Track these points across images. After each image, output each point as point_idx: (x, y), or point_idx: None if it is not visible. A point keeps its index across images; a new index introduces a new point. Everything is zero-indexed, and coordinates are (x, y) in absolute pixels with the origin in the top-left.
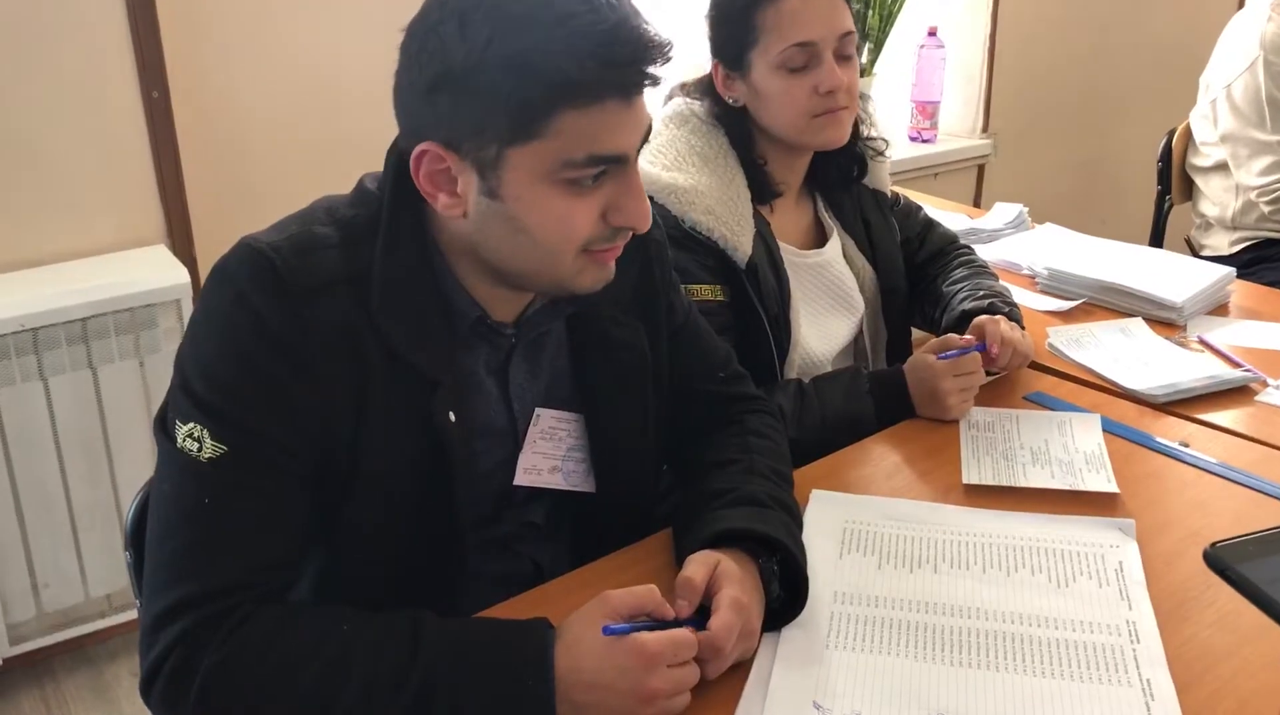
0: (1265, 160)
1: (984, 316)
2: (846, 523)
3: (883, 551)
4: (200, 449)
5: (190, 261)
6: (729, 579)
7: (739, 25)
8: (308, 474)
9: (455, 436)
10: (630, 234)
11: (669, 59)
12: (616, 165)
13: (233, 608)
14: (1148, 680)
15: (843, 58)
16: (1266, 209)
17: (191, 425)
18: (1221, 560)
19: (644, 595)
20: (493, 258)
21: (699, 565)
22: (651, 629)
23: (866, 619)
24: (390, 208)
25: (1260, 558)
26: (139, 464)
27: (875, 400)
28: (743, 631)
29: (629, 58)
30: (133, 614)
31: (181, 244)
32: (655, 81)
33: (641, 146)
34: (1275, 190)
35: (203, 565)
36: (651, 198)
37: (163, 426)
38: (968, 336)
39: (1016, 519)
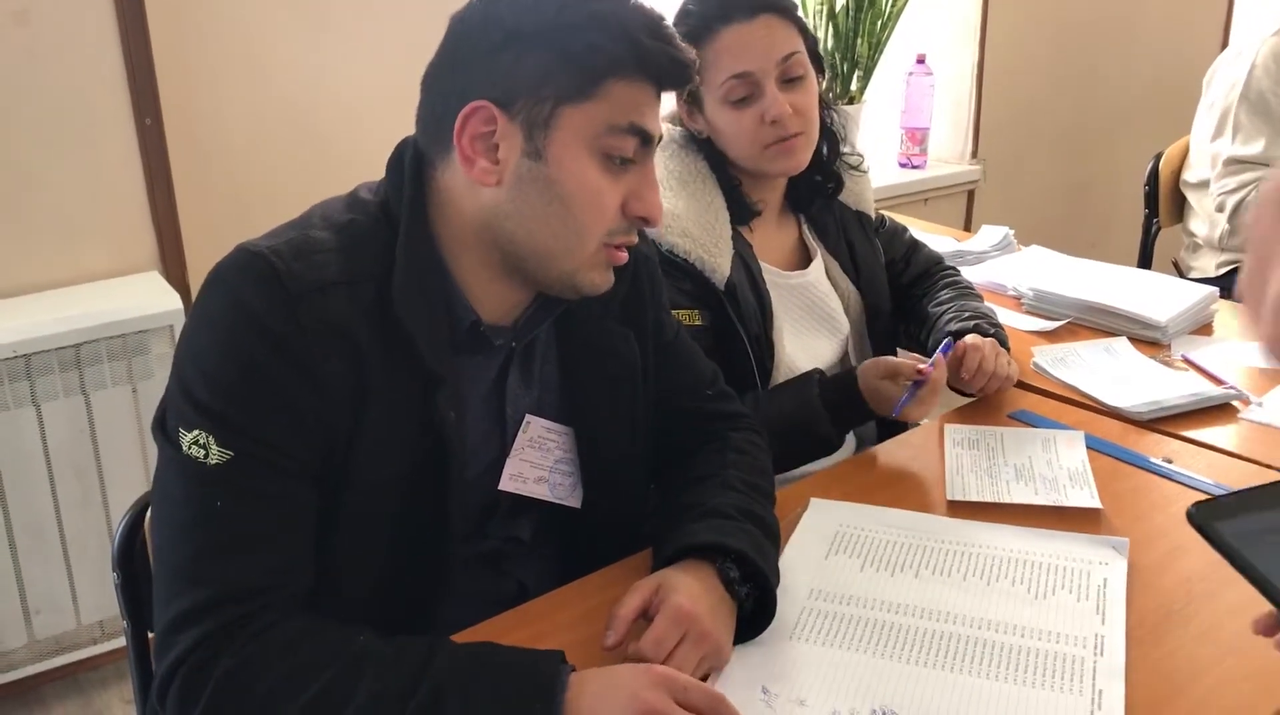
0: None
1: (968, 340)
2: (840, 526)
3: (868, 555)
4: (207, 455)
5: (183, 288)
6: (673, 591)
7: None
8: (312, 476)
9: (455, 436)
10: (636, 235)
11: (686, 80)
12: (644, 150)
13: (251, 613)
14: (1099, 691)
15: (788, 81)
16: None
17: (196, 432)
18: (1200, 517)
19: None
20: (514, 234)
21: (635, 593)
22: None
23: (836, 615)
24: (409, 207)
25: (1239, 515)
26: (132, 490)
27: (825, 400)
28: (692, 636)
29: (670, 51)
30: (123, 641)
31: (174, 270)
32: (684, 83)
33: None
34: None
35: (218, 569)
36: None
37: (163, 431)
38: (921, 365)
39: (1011, 532)
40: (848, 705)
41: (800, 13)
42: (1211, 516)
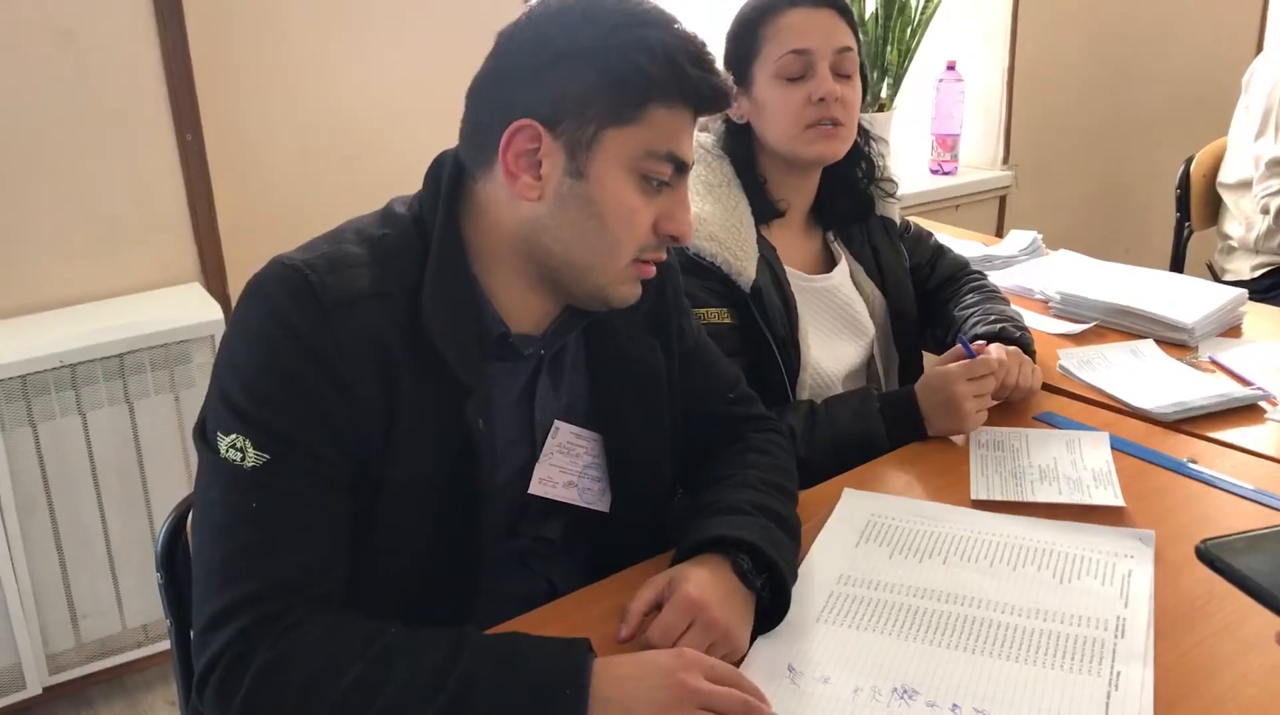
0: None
1: (991, 357)
2: (872, 516)
3: (898, 543)
4: (244, 458)
5: (223, 299)
6: (682, 581)
7: (747, 39)
8: (345, 479)
9: (485, 443)
10: (665, 252)
11: (722, 107)
12: (679, 175)
13: (286, 608)
14: (1118, 673)
15: (840, 75)
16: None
17: (234, 436)
18: (1210, 554)
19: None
20: (551, 248)
21: (647, 588)
22: None
23: (863, 600)
24: (444, 217)
25: (1248, 553)
26: (174, 496)
27: (886, 420)
28: (700, 623)
29: (709, 79)
30: (168, 644)
31: (215, 282)
32: (720, 107)
33: None
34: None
35: (255, 567)
36: None
37: (203, 436)
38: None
39: (1040, 525)
40: (870, 683)
41: None
42: (1222, 551)
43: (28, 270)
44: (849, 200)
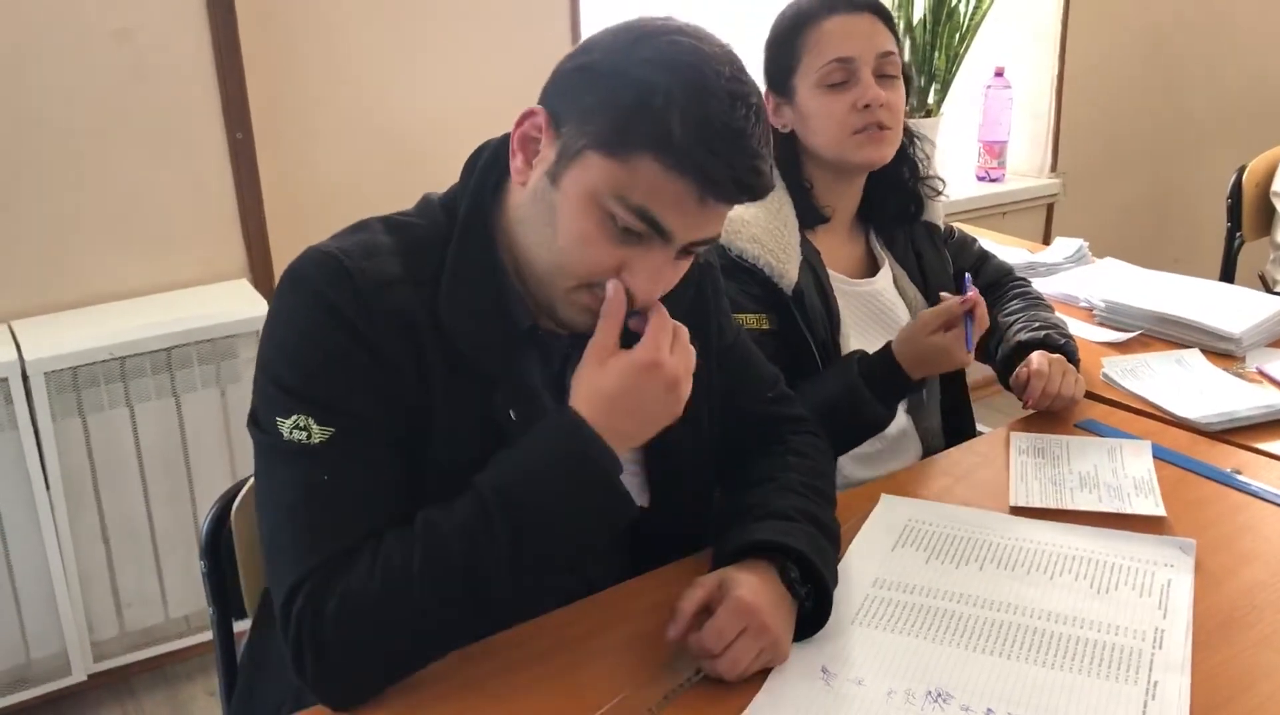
0: None
1: (1033, 365)
2: (909, 521)
3: (934, 548)
4: (310, 436)
5: (270, 296)
6: (734, 584)
7: (786, 49)
8: (402, 446)
9: (518, 434)
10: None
11: (755, 197)
12: (658, 238)
13: (344, 561)
14: (1155, 682)
15: (883, 77)
16: None
17: (295, 417)
18: None
19: None
20: (517, 238)
21: (698, 588)
22: None
23: (899, 603)
24: (470, 207)
25: None
26: (219, 489)
27: (863, 372)
28: (752, 629)
29: (728, 162)
30: (209, 635)
31: (262, 278)
32: (733, 200)
33: (695, 249)
34: None
35: (334, 532)
36: None
37: (259, 425)
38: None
39: (1078, 531)
40: (904, 686)
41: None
42: None
43: (80, 265)
44: (897, 200)
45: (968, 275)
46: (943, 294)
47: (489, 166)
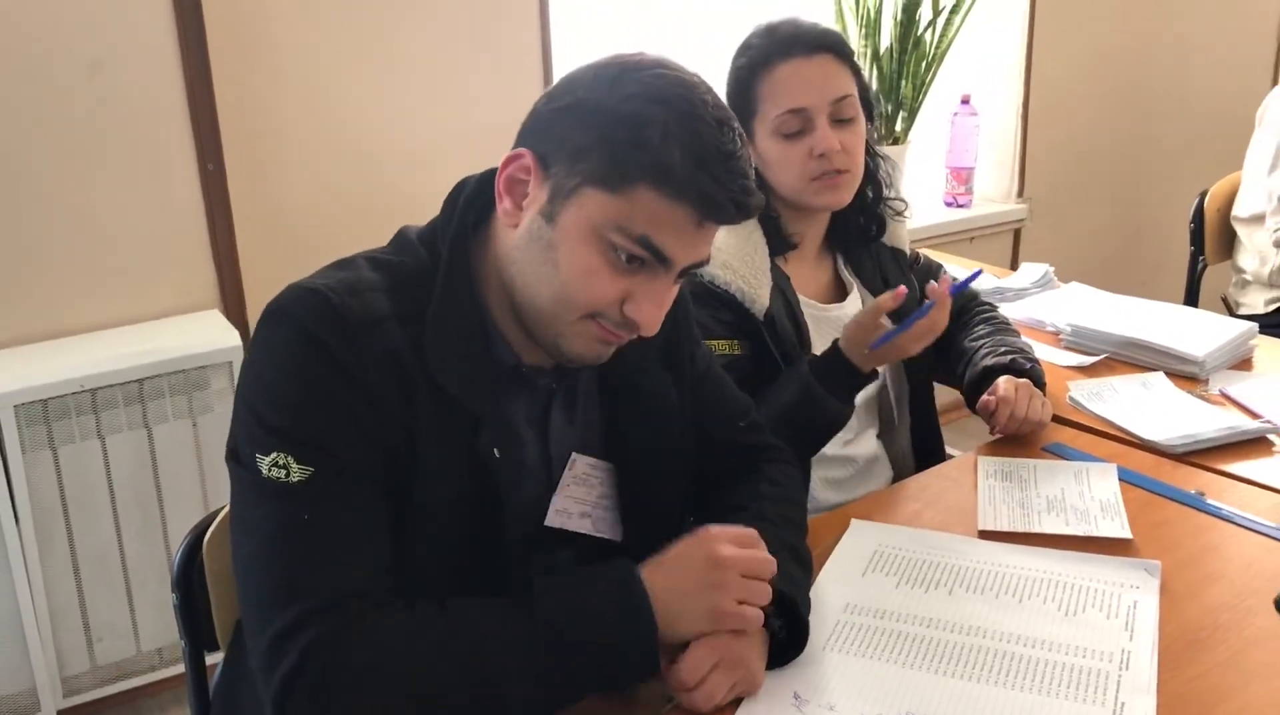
0: None
1: (1000, 392)
2: (879, 546)
3: (904, 573)
4: (288, 475)
5: (242, 326)
6: None
7: (743, 95)
8: (383, 488)
9: (503, 473)
10: (627, 331)
11: (750, 215)
12: (660, 265)
13: (360, 612)
14: (1122, 704)
15: (839, 121)
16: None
17: (275, 455)
18: None
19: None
20: (514, 281)
21: None
22: None
23: (869, 628)
24: (452, 246)
25: None
26: (191, 520)
27: (814, 370)
28: (726, 663)
29: (723, 185)
30: (182, 668)
31: (234, 309)
32: (730, 220)
33: (693, 269)
34: None
35: (318, 578)
36: None
37: (238, 460)
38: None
39: (1045, 555)
40: (875, 710)
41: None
42: None
43: (51, 296)
44: (860, 220)
45: (963, 280)
46: (930, 285)
47: (470, 203)
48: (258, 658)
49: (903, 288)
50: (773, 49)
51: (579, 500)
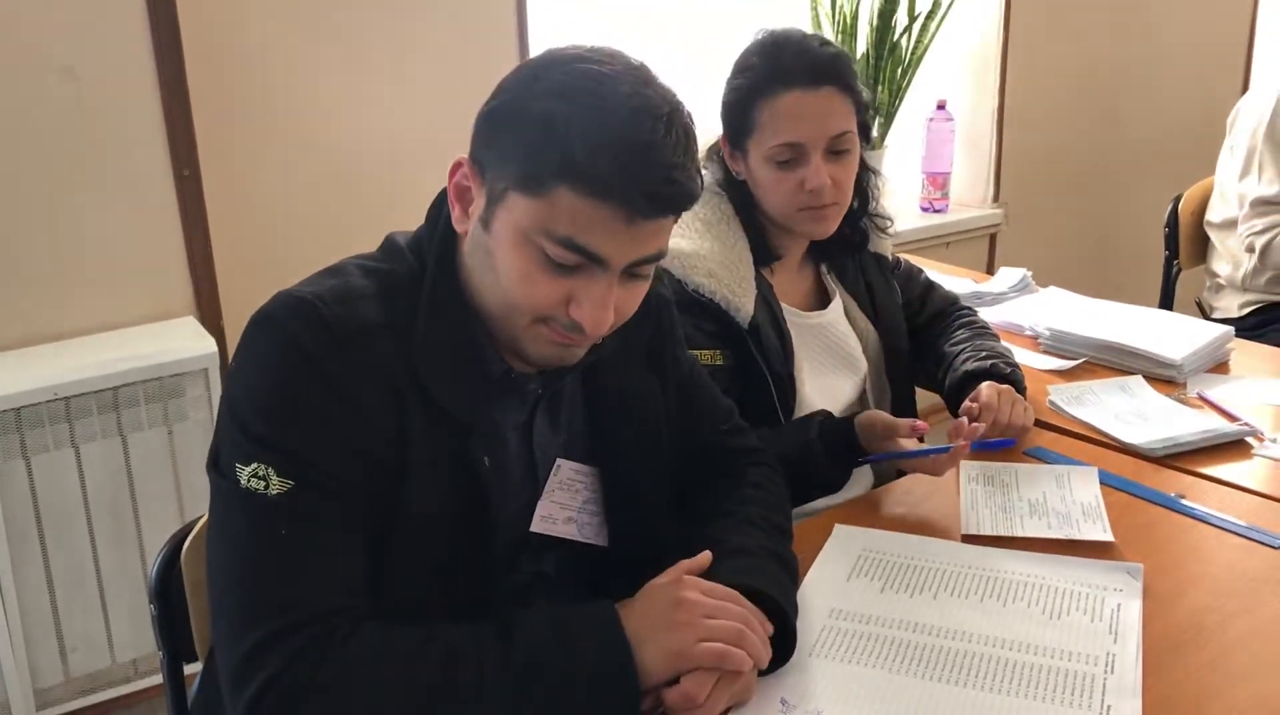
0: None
1: (984, 398)
2: (864, 551)
3: (889, 578)
4: (267, 486)
5: (218, 333)
6: None
7: (740, 114)
8: (365, 503)
9: (492, 480)
10: (587, 337)
11: (677, 208)
12: (595, 266)
13: (335, 628)
14: (1108, 707)
15: (834, 153)
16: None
17: (255, 465)
18: None
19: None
20: (471, 284)
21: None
22: None
23: (855, 634)
24: (436, 258)
25: None
26: (167, 530)
27: (824, 444)
28: (725, 678)
29: (637, 177)
30: (158, 679)
31: (210, 316)
32: (653, 215)
33: (642, 267)
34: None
35: (294, 592)
36: None
37: (218, 469)
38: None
39: (1028, 558)
40: None
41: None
42: None
43: (23, 303)
44: (844, 232)
45: (970, 422)
46: (960, 423)
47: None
48: (225, 675)
49: (924, 426)
50: (775, 76)
51: (564, 505)
